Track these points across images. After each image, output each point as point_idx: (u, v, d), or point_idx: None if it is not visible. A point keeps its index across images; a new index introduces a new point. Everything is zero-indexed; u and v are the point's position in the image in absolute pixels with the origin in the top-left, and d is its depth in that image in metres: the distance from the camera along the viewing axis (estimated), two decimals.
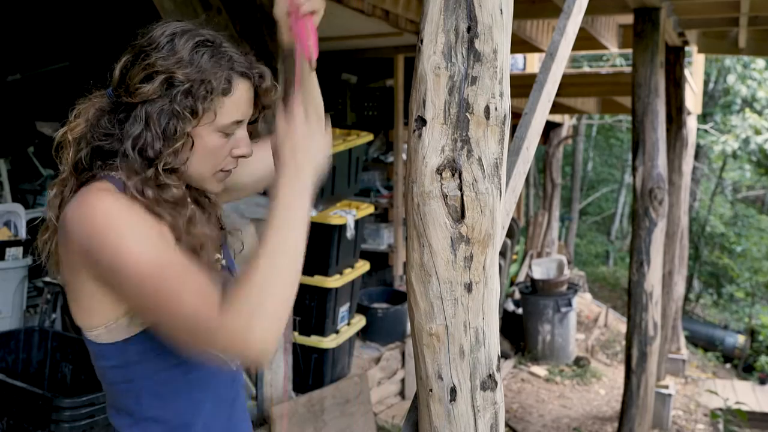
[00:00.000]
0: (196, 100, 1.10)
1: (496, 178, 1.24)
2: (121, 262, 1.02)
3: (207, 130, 1.14)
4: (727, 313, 14.32)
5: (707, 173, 16.84)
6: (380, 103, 6.32)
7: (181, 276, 1.03)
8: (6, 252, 3.41)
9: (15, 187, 4.43)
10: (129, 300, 1.07)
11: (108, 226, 1.03)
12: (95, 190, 1.08)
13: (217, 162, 1.18)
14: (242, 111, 1.17)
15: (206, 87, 1.11)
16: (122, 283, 1.05)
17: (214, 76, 1.11)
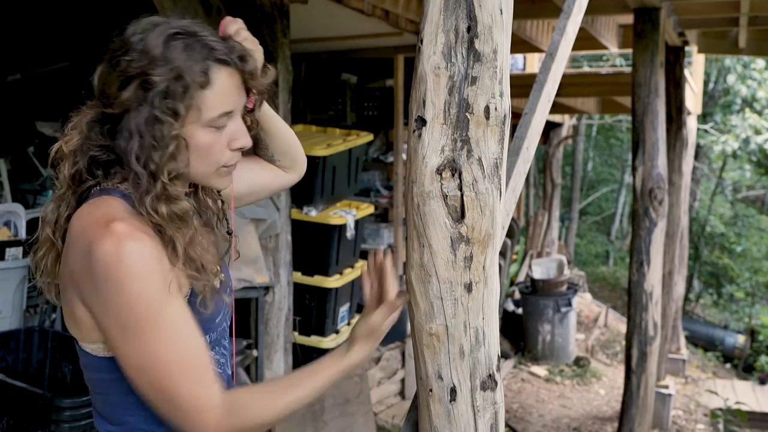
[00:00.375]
0: (174, 100, 1.06)
1: (496, 178, 1.24)
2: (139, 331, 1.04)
3: (196, 128, 1.10)
4: (727, 313, 14.31)
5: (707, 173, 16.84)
6: (380, 103, 6.32)
7: (186, 357, 1.06)
8: (6, 252, 3.41)
9: (15, 187, 4.43)
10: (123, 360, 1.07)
11: (134, 290, 1.02)
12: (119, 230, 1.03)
13: (216, 158, 1.14)
14: (229, 101, 1.12)
15: (181, 83, 1.06)
16: (127, 349, 1.06)
17: (189, 69, 1.06)
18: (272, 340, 3.66)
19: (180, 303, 1.08)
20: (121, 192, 1.11)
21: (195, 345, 1.08)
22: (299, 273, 4.04)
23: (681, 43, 5.68)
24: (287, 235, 3.65)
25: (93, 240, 1.03)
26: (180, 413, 1.07)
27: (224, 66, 1.11)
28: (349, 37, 5.25)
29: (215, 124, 1.11)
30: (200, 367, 1.08)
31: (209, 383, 1.08)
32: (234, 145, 1.15)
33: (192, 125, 1.10)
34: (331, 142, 4.13)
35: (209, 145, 1.12)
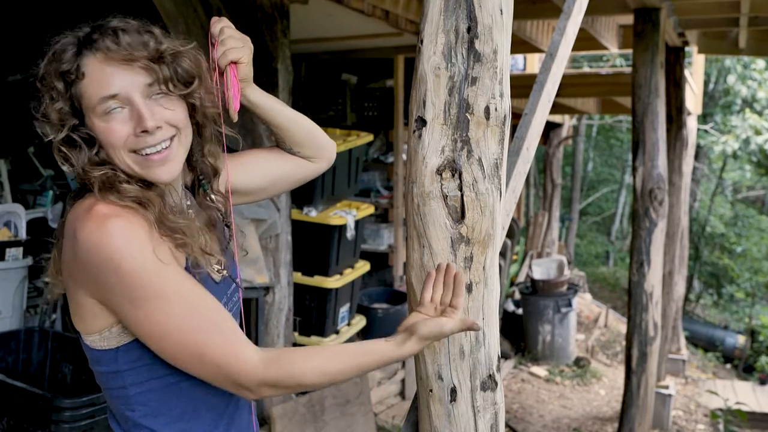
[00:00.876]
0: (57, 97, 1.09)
1: (496, 179, 1.24)
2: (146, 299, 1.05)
3: (90, 117, 1.10)
4: (727, 313, 14.31)
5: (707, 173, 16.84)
6: (380, 104, 6.32)
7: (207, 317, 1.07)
8: (6, 252, 3.41)
9: (15, 187, 4.42)
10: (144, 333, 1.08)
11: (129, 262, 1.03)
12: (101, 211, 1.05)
13: (121, 144, 1.09)
14: (109, 85, 1.08)
15: (60, 81, 1.09)
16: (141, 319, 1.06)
17: (63, 65, 1.09)
18: (272, 341, 3.66)
19: (178, 269, 1.08)
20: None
21: (207, 303, 1.09)
22: (299, 273, 4.03)
23: (681, 44, 5.68)
24: (287, 235, 3.65)
25: (77, 227, 1.05)
26: (220, 369, 1.07)
27: (91, 53, 1.09)
28: (349, 37, 5.25)
29: (101, 111, 1.08)
30: (223, 322, 1.08)
31: (236, 335, 1.09)
32: (138, 130, 1.09)
33: (89, 117, 1.10)
34: None
35: (106, 134, 1.09)
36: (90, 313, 1.10)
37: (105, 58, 1.08)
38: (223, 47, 1.18)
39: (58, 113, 1.09)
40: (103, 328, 1.11)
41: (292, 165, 1.41)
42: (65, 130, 1.10)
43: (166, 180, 1.14)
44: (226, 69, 1.18)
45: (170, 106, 1.12)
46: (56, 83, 1.09)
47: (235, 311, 1.27)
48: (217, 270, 1.21)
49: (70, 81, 1.09)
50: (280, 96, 3.44)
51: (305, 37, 5.11)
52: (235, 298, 1.27)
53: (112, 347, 1.11)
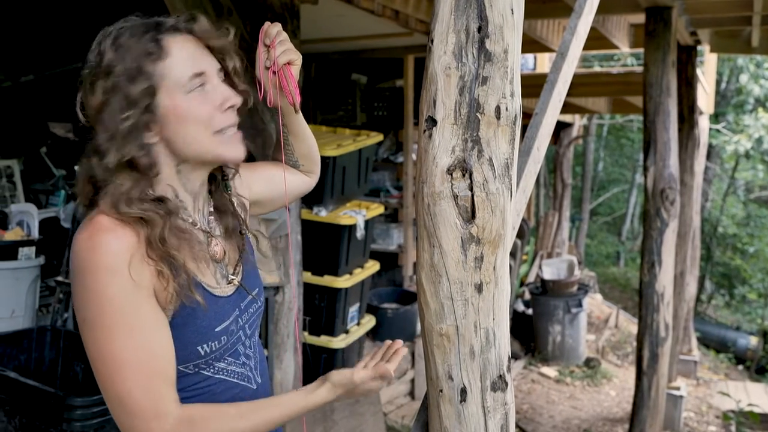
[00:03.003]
0: (134, 79, 1.07)
1: (507, 179, 1.24)
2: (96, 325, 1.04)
3: (171, 98, 1.10)
4: (739, 314, 14.23)
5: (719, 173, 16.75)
6: (390, 104, 6.32)
7: (146, 361, 1.05)
8: (19, 251, 3.44)
9: (27, 187, 4.46)
10: (84, 343, 1.07)
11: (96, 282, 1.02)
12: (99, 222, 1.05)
13: (206, 122, 1.13)
14: (195, 64, 1.12)
15: (136, 62, 1.08)
16: (86, 339, 1.06)
17: (138, 47, 1.08)
18: (282, 340, 3.67)
19: (149, 306, 1.06)
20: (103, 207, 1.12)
21: (155, 352, 1.06)
22: (309, 273, 4.04)
23: (693, 43, 5.65)
24: (297, 235, 3.65)
25: (76, 233, 1.06)
26: (129, 418, 1.05)
27: (176, 33, 1.12)
28: (359, 37, 5.25)
29: (188, 87, 1.11)
30: (156, 375, 1.06)
31: (163, 393, 1.06)
32: (226, 104, 1.14)
33: (171, 98, 1.10)
34: (341, 143, 4.13)
35: (194, 110, 1.11)
36: None
37: (189, 39, 1.13)
38: (281, 47, 1.23)
39: (140, 93, 1.08)
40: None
41: (295, 179, 1.45)
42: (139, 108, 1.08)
43: (240, 157, 1.18)
44: (282, 68, 1.24)
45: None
46: (142, 62, 1.08)
47: (253, 322, 1.26)
48: (228, 281, 1.20)
49: (152, 60, 1.09)
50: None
51: (315, 37, 5.12)
52: (252, 309, 1.25)
53: None
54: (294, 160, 1.43)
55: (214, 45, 1.16)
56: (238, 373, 1.21)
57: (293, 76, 1.25)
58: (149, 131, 1.10)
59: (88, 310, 1.04)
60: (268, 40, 1.24)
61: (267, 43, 1.24)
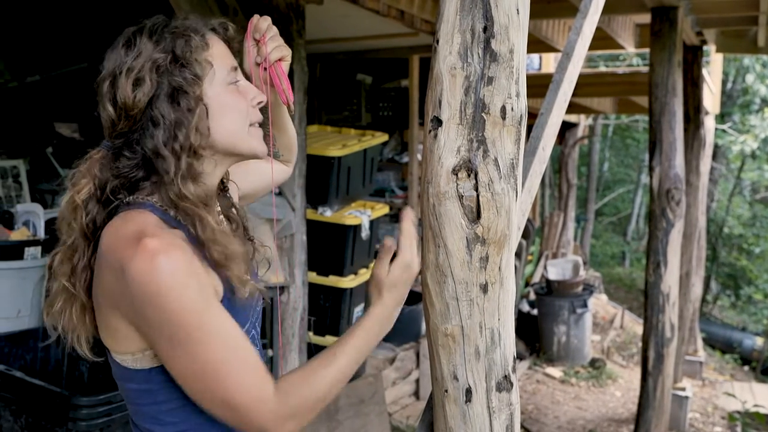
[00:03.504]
0: (186, 65, 1.09)
1: (512, 179, 1.23)
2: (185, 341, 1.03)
3: (214, 88, 1.13)
4: (745, 314, 14.18)
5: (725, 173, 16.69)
6: (395, 104, 6.33)
7: (235, 356, 1.06)
8: (25, 251, 3.44)
9: (33, 187, 4.47)
10: (173, 369, 1.07)
11: (173, 303, 1.02)
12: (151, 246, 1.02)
13: (245, 114, 1.17)
14: (229, 60, 1.17)
15: (186, 49, 1.10)
16: (175, 357, 1.05)
17: (184, 37, 1.11)
18: (287, 340, 3.67)
19: (219, 307, 1.07)
20: (151, 205, 1.10)
21: (241, 345, 1.08)
22: (314, 273, 4.04)
23: (699, 43, 5.64)
24: (302, 235, 3.66)
25: (124, 258, 1.02)
26: (238, 413, 1.06)
27: (213, 33, 1.17)
28: (364, 37, 5.25)
29: (229, 79, 1.15)
30: (250, 364, 1.08)
31: (261, 377, 1.08)
32: (256, 100, 1.19)
33: (213, 88, 1.12)
34: (346, 143, 4.13)
35: (235, 101, 1.15)
36: (123, 335, 1.09)
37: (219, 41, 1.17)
38: (273, 43, 1.23)
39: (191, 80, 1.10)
40: (136, 350, 1.10)
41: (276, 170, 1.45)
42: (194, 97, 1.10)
43: (265, 154, 1.22)
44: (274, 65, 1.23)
45: None
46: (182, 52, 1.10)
47: (257, 319, 1.28)
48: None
49: (200, 47, 1.12)
50: (296, 96, 3.44)
51: (320, 37, 5.12)
52: (258, 308, 1.28)
53: (146, 368, 1.10)
54: (275, 151, 1.44)
55: (236, 48, 1.20)
56: None
57: (285, 73, 1.24)
58: (205, 118, 1.12)
59: (171, 329, 1.03)
60: (258, 35, 1.23)
61: (256, 38, 1.23)
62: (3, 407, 2.61)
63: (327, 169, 4.02)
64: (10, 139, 4.65)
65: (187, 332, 1.03)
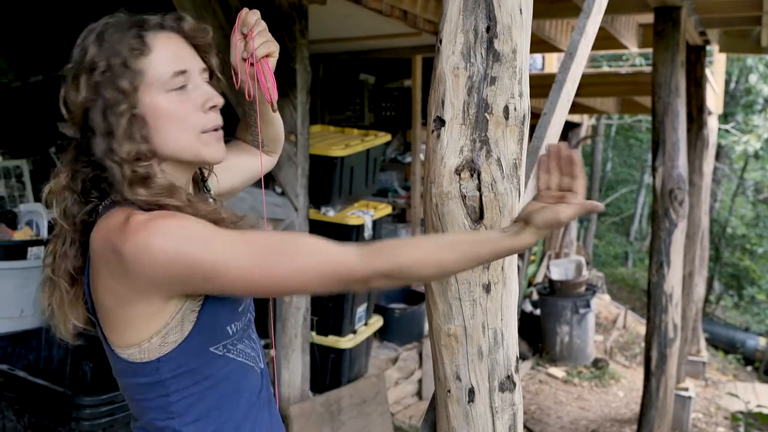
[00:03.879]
0: (118, 76, 1.07)
1: (515, 179, 1.23)
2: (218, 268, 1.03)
3: (151, 95, 1.09)
4: (748, 315, 14.15)
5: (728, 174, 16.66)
6: (398, 104, 6.32)
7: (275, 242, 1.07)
8: (28, 251, 3.45)
9: (37, 187, 4.48)
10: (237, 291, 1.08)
11: (181, 245, 1.02)
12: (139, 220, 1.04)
13: (192, 122, 1.12)
14: (178, 62, 1.11)
15: (119, 59, 1.07)
16: (225, 284, 1.05)
17: (123, 42, 1.08)
18: (290, 340, 3.67)
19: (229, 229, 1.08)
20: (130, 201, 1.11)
21: (271, 234, 1.09)
22: None
23: (702, 42, 5.63)
24: None
25: (117, 243, 1.03)
26: (325, 278, 1.05)
27: (160, 31, 1.11)
28: (367, 37, 5.25)
29: (170, 86, 1.10)
30: (294, 241, 1.08)
31: (322, 243, 1.07)
32: (208, 104, 1.13)
33: (150, 95, 1.09)
34: (348, 143, 4.13)
35: (176, 109, 1.11)
36: (130, 325, 1.09)
37: (173, 37, 1.12)
38: (260, 39, 1.20)
39: (124, 88, 1.08)
40: (142, 340, 1.09)
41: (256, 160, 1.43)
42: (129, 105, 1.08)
43: (221, 158, 1.17)
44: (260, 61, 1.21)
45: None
46: (115, 60, 1.08)
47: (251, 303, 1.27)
48: None
49: (135, 56, 1.08)
50: (299, 96, 3.45)
51: (323, 37, 5.12)
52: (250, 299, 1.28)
53: (153, 358, 1.10)
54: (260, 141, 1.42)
55: (199, 43, 1.15)
56: (251, 356, 1.23)
57: (271, 70, 1.22)
58: (139, 126, 1.10)
59: (203, 269, 1.02)
60: (246, 29, 1.20)
61: (244, 32, 1.20)
62: (6, 407, 2.62)
63: (330, 169, 4.01)
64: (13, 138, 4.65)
65: (216, 261, 1.03)
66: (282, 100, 3.35)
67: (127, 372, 1.15)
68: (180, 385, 1.12)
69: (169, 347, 1.10)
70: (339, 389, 3.94)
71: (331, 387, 4.02)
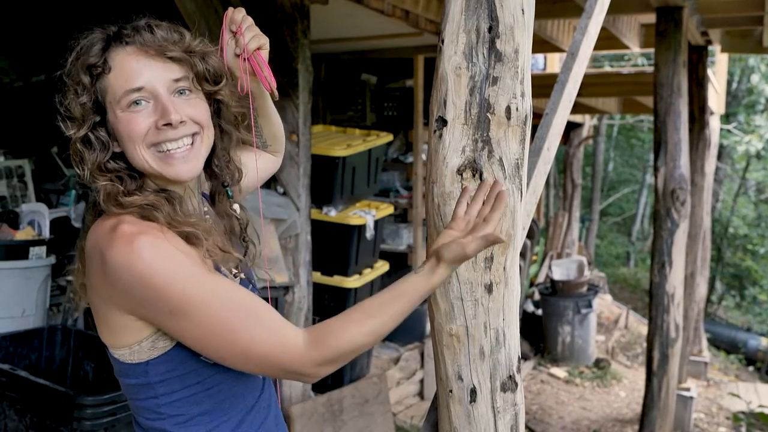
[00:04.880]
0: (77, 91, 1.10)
1: (517, 179, 1.23)
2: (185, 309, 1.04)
3: (113, 112, 1.10)
4: (749, 315, 14.14)
5: (730, 174, 16.65)
6: (400, 104, 6.32)
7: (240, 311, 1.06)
8: (30, 251, 3.45)
9: (38, 187, 4.48)
10: (187, 340, 1.08)
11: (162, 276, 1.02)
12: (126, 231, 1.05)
13: (141, 139, 1.10)
14: (135, 78, 1.09)
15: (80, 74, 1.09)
16: (183, 328, 1.06)
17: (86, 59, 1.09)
18: None
19: (210, 271, 1.08)
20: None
21: (244, 298, 1.08)
22: (318, 273, 4.04)
23: (704, 43, 5.62)
24: (307, 235, 3.66)
25: (103, 249, 1.05)
26: (269, 362, 1.06)
27: (121, 46, 1.10)
28: (368, 37, 5.25)
29: (125, 104, 1.09)
30: (263, 312, 1.08)
31: (279, 324, 1.08)
32: (160, 122, 1.09)
33: (112, 113, 1.10)
34: (350, 143, 4.13)
35: (126, 128, 1.09)
36: (121, 328, 1.10)
37: (136, 51, 1.10)
38: (249, 33, 1.21)
39: (81, 108, 1.10)
40: (133, 342, 1.10)
41: (266, 161, 1.44)
42: (85, 126, 1.10)
43: (186, 178, 1.14)
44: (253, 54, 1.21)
45: (194, 104, 1.13)
46: (82, 77, 1.09)
47: None
48: (234, 273, 1.22)
49: (96, 75, 1.09)
50: (300, 96, 3.45)
51: (325, 37, 5.12)
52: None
53: (143, 360, 1.11)
54: (263, 141, 1.42)
55: (172, 54, 1.11)
56: None
57: (265, 60, 1.23)
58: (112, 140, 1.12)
59: (170, 303, 1.03)
60: (234, 27, 1.21)
61: (233, 30, 1.22)
62: (8, 407, 2.62)
63: (331, 169, 4.02)
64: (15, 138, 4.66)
65: (184, 301, 1.03)
66: (284, 100, 3.35)
67: (120, 372, 1.17)
68: (169, 389, 1.12)
69: (158, 352, 1.10)
70: (341, 389, 3.94)
71: (332, 387, 4.02)
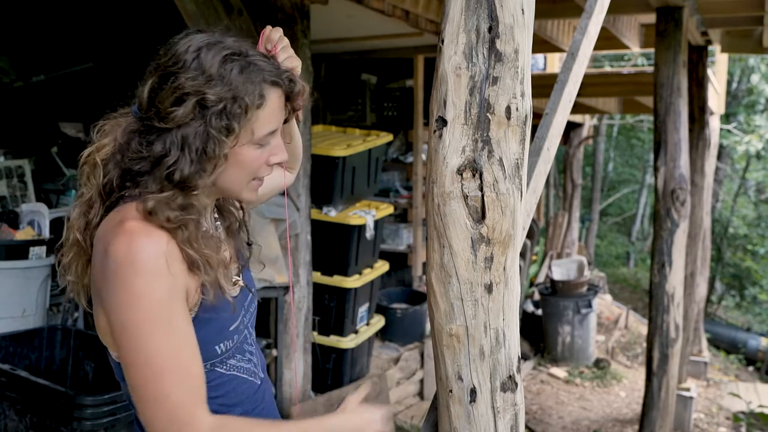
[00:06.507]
0: (231, 119, 1.08)
1: (517, 179, 1.23)
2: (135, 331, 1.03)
3: (244, 146, 1.12)
4: (749, 315, 14.15)
5: (730, 174, 16.65)
6: (400, 104, 6.32)
7: (181, 363, 1.05)
8: (30, 251, 3.45)
9: (38, 186, 4.48)
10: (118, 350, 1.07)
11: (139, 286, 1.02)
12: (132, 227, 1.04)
13: (252, 172, 1.16)
14: (276, 120, 1.15)
15: (239, 104, 1.08)
16: (121, 344, 1.05)
17: (246, 91, 1.08)
18: (292, 340, 3.67)
19: (184, 311, 1.07)
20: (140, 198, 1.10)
21: (191, 357, 1.07)
22: (319, 273, 4.04)
23: (704, 43, 5.62)
24: (307, 235, 3.66)
25: (108, 241, 1.05)
26: (164, 421, 1.04)
27: (275, 87, 1.14)
28: (369, 37, 5.26)
29: (262, 142, 1.14)
30: (194, 379, 1.07)
31: (199, 398, 1.07)
32: (272, 161, 1.18)
33: (241, 143, 1.11)
34: (350, 143, 4.14)
35: (252, 161, 1.14)
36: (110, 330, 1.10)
37: (281, 97, 1.15)
38: (284, 54, 1.21)
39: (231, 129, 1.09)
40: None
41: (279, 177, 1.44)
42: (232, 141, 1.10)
43: (254, 200, 1.26)
44: None
45: None
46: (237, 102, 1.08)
47: (252, 320, 1.29)
48: (234, 282, 1.22)
49: (258, 105, 1.10)
50: None
51: (325, 37, 5.13)
52: (252, 307, 1.28)
53: None
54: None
55: (292, 105, 1.19)
56: (246, 368, 1.24)
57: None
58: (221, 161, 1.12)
59: (128, 312, 1.03)
60: (270, 45, 1.21)
61: (268, 48, 1.21)
62: (8, 407, 2.62)
63: (332, 168, 4.02)
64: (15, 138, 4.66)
65: (142, 320, 1.03)
66: None
67: (118, 374, 1.17)
68: None
69: None
70: (341, 389, 3.94)
71: (332, 387, 4.02)
